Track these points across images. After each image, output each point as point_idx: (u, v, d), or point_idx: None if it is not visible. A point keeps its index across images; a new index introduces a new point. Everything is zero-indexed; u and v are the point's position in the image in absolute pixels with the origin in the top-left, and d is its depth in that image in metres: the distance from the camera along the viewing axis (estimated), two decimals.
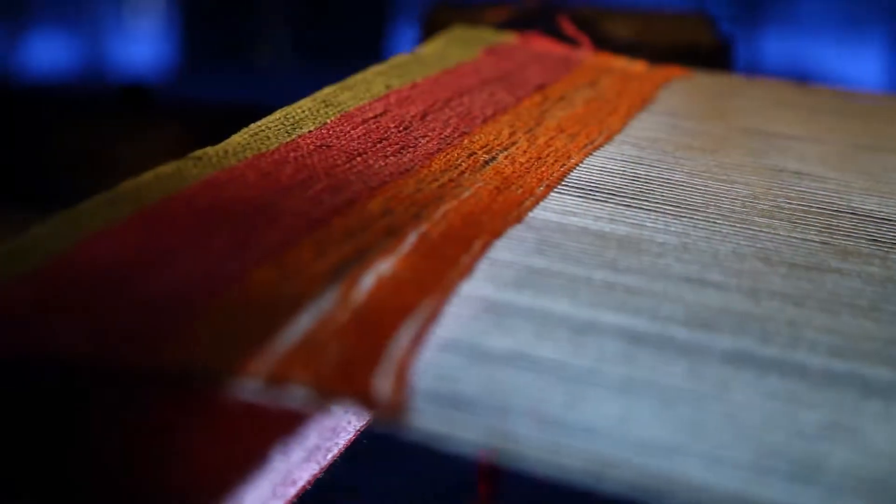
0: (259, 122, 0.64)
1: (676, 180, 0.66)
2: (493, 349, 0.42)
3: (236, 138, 0.61)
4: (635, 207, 0.60)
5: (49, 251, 0.43)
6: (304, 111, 0.68)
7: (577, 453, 0.36)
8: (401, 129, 0.68)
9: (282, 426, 0.47)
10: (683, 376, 0.41)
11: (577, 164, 0.66)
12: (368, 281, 0.45)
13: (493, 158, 0.65)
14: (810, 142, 0.81)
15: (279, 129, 0.63)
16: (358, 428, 0.59)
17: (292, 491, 0.51)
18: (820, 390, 0.41)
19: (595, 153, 0.69)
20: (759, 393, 0.41)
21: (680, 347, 0.43)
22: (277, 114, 0.66)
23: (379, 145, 0.64)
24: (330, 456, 0.56)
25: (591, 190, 0.62)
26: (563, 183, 0.62)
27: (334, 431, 0.56)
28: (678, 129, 0.79)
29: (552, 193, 0.60)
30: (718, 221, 0.59)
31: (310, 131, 0.64)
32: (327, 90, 0.73)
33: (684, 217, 0.59)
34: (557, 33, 1.11)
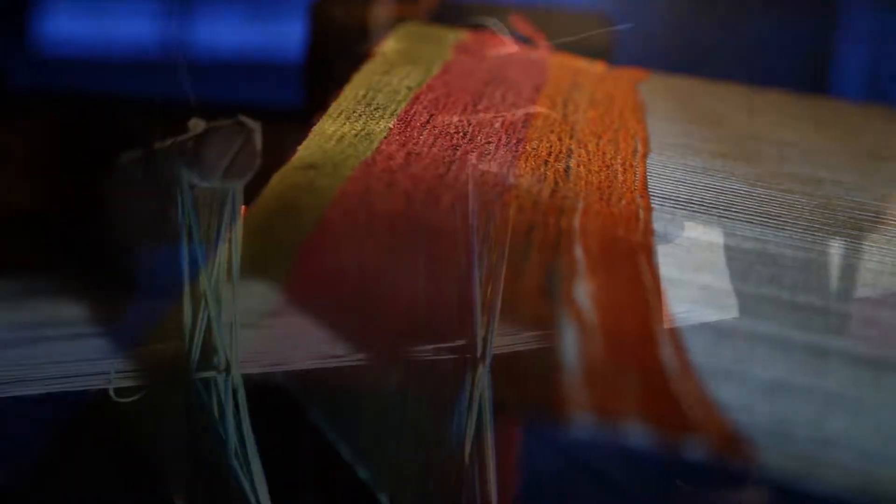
0: (328, 128, 0.61)
1: (745, 191, 0.65)
2: (757, 377, 0.40)
3: (327, 147, 0.58)
4: (736, 220, 0.59)
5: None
6: (359, 115, 0.65)
7: None
8: (461, 134, 0.66)
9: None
10: None
11: (646, 173, 0.65)
12: (584, 302, 0.44)
13: (568, 167, 0.63)
14: (813, 149, 0.82)
15: (357, 137, 0.61)
16: None
17: None
18: None
19: (649, 161, 0.68)
20: None
21: None
22: (339, 119, 0.63)
23: (458, 152, 0.62)
24: None
25: (681, 200, 0.61)
26: (651, 193, 0.61)
27: None
28: (693, 134, 0.79)
29: (651, 204, 0.59)
30: (819, 234, 0.59)
31: (385, 137, 0.62)
32: (359, 92, 0.71)
33: (788, 229, 0.59)
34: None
